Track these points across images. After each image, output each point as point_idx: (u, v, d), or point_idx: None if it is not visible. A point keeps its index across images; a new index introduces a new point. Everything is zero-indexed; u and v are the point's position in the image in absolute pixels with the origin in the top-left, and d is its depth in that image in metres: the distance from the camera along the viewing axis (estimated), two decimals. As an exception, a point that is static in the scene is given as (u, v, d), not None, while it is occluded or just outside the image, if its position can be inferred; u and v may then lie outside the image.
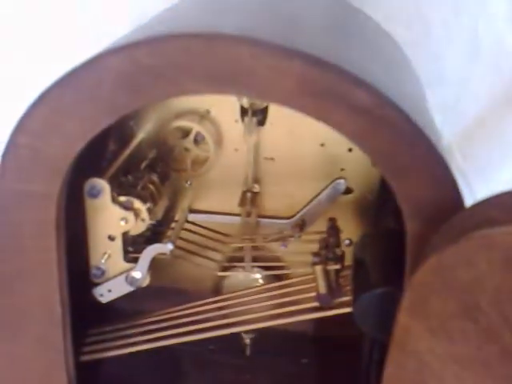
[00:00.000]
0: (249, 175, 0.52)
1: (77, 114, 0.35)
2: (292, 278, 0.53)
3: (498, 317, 0.29)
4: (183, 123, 0.51)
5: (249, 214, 0.52)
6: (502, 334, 0.29)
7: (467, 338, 0.31)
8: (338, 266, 0.45)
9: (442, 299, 0.31)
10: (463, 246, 0.29)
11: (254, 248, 0.54)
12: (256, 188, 0.53)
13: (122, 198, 0.45)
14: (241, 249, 0.54)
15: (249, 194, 0.53)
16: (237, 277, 0.55)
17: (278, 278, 0.55)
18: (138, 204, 0.45)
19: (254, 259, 0.53)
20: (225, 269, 0.54)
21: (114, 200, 0.44)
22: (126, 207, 0.45)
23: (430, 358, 0.33)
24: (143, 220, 0.46)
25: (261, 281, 0.55)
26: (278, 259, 0.56)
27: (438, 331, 0.32)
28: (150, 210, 0.46)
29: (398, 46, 0.57)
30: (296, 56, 0.32)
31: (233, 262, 0.54)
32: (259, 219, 0.54)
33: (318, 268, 0.45)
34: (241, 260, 0.53)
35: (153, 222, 0.50)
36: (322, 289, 0.44)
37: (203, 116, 0.51)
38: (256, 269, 0.55)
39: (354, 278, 0.43)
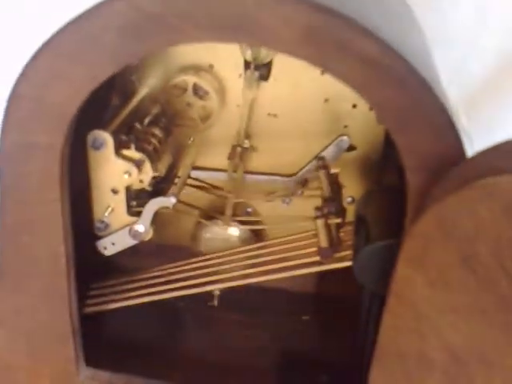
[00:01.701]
0: (241, 130, 0.52)
1: (80, 61, 0.35)
2: (272, 239, 0.53)
3: (497, 266, 0.30)
4: (180, 78, 0.50)
5: (235, 169, 0.52)
6: (499, 282, 0.30)
7: (465, 287, 0.31)
8: (339, 220, 0.45)
9: (441, 249, 0.32)
10: (464, 195, 0.29)
11: (238, 203, 0.54)
12: (246, 143, 0.53)
13: (125, 151, 0.45)
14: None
15: (239, 149, 0.52)
16: (215, 231, 0.55)
17: (256, 234, 0.56)
18: (141, 157, 0.45)
19: (236, 214, 0.54)
20: (206, 218, 0.54)
21: (117, 153, 0.44)
22: (129, 160, 0.45)
23: (428, 307, 0.33)
24: (146, 174, 0.46)
25: (236, 236, 0.55)
26: (258, 215, 0.56)
27: (436, 281, 0.33)
28: (153, 164, 0.47)
29: (406, 3, 0.56)
30: (302, 4, 0.32)
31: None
32: (263, 176, 0.54)
33: (320, 222, 0.45)
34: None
35: (156, 177, 0.51)
36: (324, 243, 0.45)
37: (203, 69, 0.50)
38: (234, 223, 0.55)
39: (356, 233, 0.44)
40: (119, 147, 0.45)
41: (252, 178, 0.54)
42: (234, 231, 0.55)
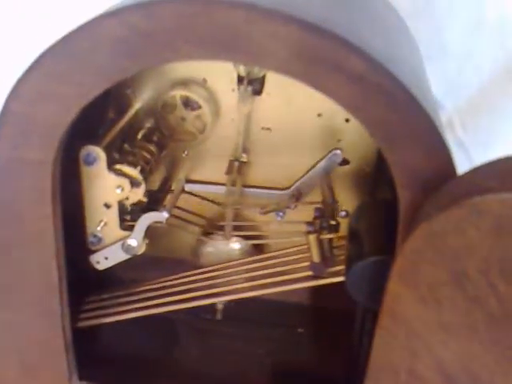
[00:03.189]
0: (238, 144, 0.52)
1: (71, 79, 0.35)
2: (274, 251, 0.53)
3: (485, 284, 0.30)
4: (192, 95, 0.50)
5: (234, 183, 0.52)
6: (487, 300, 0.30)
7: (454, 304, 0.31)
8: (332, 235, 0.45)
9: (431, 266, 0.32)
10: (453, 213, 0.29)
11: (237, 217, 0.54)
12: (244, 158, 0.53)
13: (118, 166, 0.45)
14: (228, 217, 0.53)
15: (236, 163, 0.52)
16: (216, 245, 0.55)
17: (258, 248, 0.56)
18: (133, 172, 0.46)
19: (237, 228, 0.54)
20: (205, 234, 0.54)
21: (110, 168, 0.45)
22: (122, 175, 0.45)
23: (419, 324, 0.33)
24: (139, 188, 0.46)
25: (238, 251, 0.55)
26: (259, 229, 0.56)
27: (427, 299, 0.33)
28: (146, 179, 0.47)
29: (399, 17, 0.56)
30: (291, 22, 0.32)
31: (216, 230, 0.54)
32: (256, 190, 0.54)
33: (312, 237, 0.45)
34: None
35: (149, 191, 0.51)
36: (316, 258, 0.45)
37: (195, 83, 0.50)
38: (235, 238, 0.55)
39: (349, 247, 0.44)
40: (112, 162, 0.45)
41: (245, 192, 0.54)
42: (236, 245, 0.55)
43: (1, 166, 0.38)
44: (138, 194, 0.46)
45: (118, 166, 0.45)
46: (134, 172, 0.45)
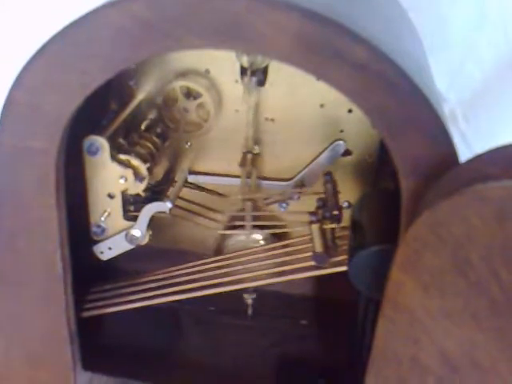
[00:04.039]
0: (249, 136, 0.52)
1: (74, 68, 0.35)
2: (292, 238, 0.53)
3: (488, 271, 0.30)
4: (192, 85, 0.50)
5: (249, 175, 0.52)
6: (490, 288, 0.30)
7: (457, 292, 0.31)
8: (334, 225, 0.45)
9: (434, 255, 0.32)
10: (456, 201, 0.29)
11: (255, 209, 0.54)
12: (256, 149, 0.53)
13: (122, 156, 0.45)
14: (242, 210, 0.54)
15: (249, 155, 0.53)
16: (238, 237, 0.56)
17: (279, 237, 0.56)
18: (137, 162, 0.46)
19: (255, 220, 0.54)
20: (227, 228, 0.54)
21: (113, 158, 0.45)
22: (125, 165, 0.45)
23: (421, 312, 0.33)
24: (143, 178, 0.46)
25: (262, 241, 0.56)
26: (278, 219, 0.56)
27: (430, 286, 0.33)
28: (149, 169, 0.47)
29: (402, 9, 0.56)
30: (294, 10, 0.32)
31: (234, 222, 0.55)
32: (259, 180, 0.54)
33: (315, 227, 0.45)
34: (242, 220, 0.54)
35: (152, 182, 0.51)
36: (319, 247, 0.45)
37: (210, 80, 0.51)
38: (256, 229, 0.55)
39: (351, 237, 0.44)
40: (115, 152, 0.45)
41: (249, 182, 0.54)
42: (258, 236, 0.56)
43: (5, 155, 0.38)
44: (142, 185, 0.46)
45: (121, 156, 0.45)
46: (139, 162, 0.45)
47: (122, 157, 0.45)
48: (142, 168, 0.46)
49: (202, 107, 0.51)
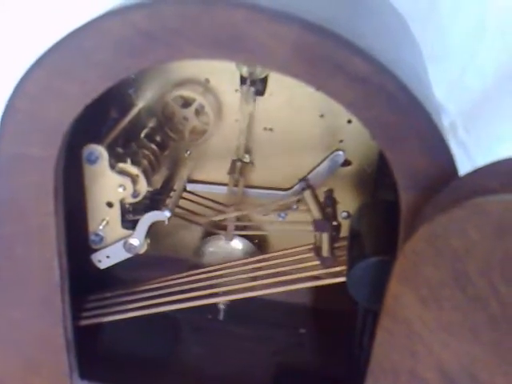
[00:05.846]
0: (241, 145, 0.52)
1: (74, 77, 0.35)
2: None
3: (486, 285, 0.29)
4: (186, 93, 0.50)
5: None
6: (489, 301, 0.30)
7: (456, 306, 0.31)
8: (333, 233, 0.46)
9: (432, 267, 0.32)
10: (455, 215, 0.29)
11: (240, 217, 0.54)
12: (246, 158, 0.53)
13: (121, 165, 0.45)
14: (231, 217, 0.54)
15: (239, 164, 0.53)
16: (217, 244, 0.56)
17: (259, 248, 0.56)
18: (135, 171, 0.46)
19: (239, 228, 0.54)
20: (207, 234, 0.54)
21: (112, 167, 0.45)
22: (124, 174, 0.45)
23: (420, 325, 0.33)
24: (141, 187, 0.46)
25: (240, 250, 0.56)
26: (261, 229, 0.56)
27: (428, 299, 0.32)
28: (148, 178, 0.47)
29: (402, 19, 0.56)
30: (293, 22, 0.32)
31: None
32: (258, 190, 0.54)
33: (307, 193, 0.46)
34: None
35: (151, 190, 0.51)
36: (317, 214, 0.46)
37: (205, 86, 0.51)
38: (237, 237, 0.55)
39: (350, 248, 0.44)
40: (114, 161, 0.45)
41: (248, 192, 0.54)
42: (237, 244, 0.56)
43: (4, 162, 0.38)
44: (140, 194, 0.46)
45: (120, 165, 0.45)
46: (137, 170, 0.45)
47: (121, 165, 0.45)
48: (141, 176, 0.46)
49: (201, 112, 0.51)
